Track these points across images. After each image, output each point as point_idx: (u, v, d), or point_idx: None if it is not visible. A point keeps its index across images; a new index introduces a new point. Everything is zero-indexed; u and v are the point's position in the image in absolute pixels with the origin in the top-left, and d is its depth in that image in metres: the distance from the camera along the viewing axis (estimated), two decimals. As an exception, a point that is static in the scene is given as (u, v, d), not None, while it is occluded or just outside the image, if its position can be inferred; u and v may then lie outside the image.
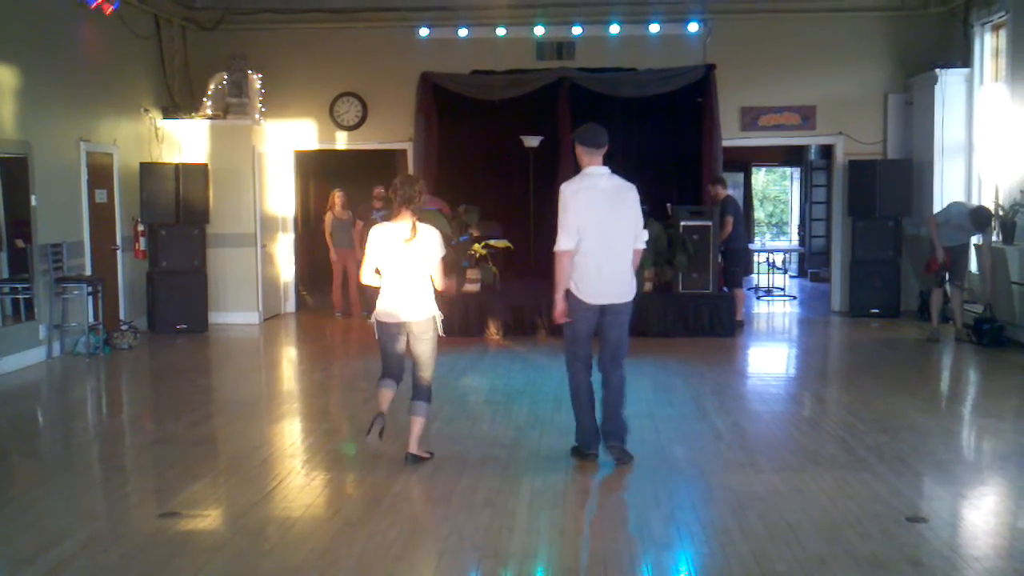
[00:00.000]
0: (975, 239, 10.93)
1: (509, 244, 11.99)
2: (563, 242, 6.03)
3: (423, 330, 6.15)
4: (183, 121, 12.91)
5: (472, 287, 11.77)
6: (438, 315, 6.19)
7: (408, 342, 6.23)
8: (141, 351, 10.92)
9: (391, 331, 6.19)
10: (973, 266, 11.17)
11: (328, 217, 13.40)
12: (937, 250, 10.60)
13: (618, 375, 6.21)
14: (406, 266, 6.07)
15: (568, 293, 6.11)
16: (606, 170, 6.16)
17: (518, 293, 11.98)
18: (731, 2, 13.18)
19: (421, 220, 6.16)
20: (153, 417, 8.04)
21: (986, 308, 10.58)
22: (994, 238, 10.83)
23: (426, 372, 6.23)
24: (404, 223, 6.06)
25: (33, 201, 9.95)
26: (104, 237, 11.58)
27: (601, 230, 6.03)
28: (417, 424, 6.19)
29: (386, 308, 6.14)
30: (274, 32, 13.59)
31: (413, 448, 6.18)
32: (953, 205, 10.84)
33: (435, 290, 6.20)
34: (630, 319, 6.22)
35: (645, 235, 6.28)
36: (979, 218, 10.48)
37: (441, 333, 6.24)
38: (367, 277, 6.25)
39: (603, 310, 6.10)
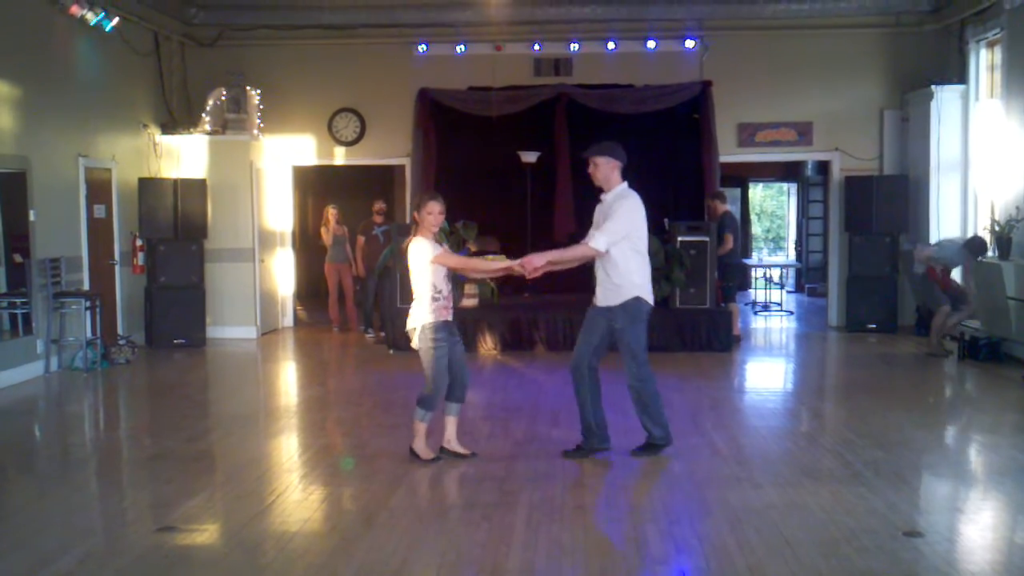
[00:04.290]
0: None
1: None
2: (602, 243, 6.25)
3: (414, 339, 6.38)
4: (181, 137, 12.96)
5: (470, 303, 11.79)
6: (425, 323, 6.27)
7: None
8: (139, 366, 10.92)
9: None
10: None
11: (323, 232, 13.43)
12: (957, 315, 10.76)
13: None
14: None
15: (638, 300, 6.31)
16: None
17: (516, 309, 11.99)
18: (728, 19, 13.24)
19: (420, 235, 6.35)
20: (150, 432, 8.02)
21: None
22: (991, 254, 10.87)
23: (427, 379, 6.38)
24: None
25: (31, 216, 9.98)
26: (102, 252, 11.60)
27: (647, 239, 6.52)
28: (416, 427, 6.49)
29: None
30: (272, 48, 13.65)
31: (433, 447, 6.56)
32: (945, 248, 10.77)
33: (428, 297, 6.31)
34: None
35: None
36: (974, 248, 10.59)
37: (414, 345, 6.33)
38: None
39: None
